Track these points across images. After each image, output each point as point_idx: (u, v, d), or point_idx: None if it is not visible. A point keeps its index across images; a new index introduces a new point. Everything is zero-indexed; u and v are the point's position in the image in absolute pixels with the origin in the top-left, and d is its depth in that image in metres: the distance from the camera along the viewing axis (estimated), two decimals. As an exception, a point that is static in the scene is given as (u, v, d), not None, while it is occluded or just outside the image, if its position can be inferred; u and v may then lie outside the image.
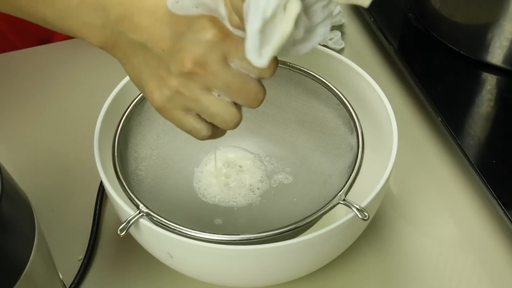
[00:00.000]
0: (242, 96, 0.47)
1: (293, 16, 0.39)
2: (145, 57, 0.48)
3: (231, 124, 0.48)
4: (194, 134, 0.50)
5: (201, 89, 0.46)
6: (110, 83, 0.65)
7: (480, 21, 0.78)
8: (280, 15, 0.39)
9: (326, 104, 0.62)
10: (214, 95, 0.47)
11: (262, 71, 0.46)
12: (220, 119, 0.48)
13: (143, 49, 0.47)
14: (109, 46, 0.50)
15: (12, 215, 0.42)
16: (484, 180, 0.66)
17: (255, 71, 0.46)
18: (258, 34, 0.40)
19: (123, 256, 0.64)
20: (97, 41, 0.49)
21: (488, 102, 0.77)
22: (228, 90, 0.46)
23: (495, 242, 0.65)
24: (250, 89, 0.46)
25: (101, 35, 0.49)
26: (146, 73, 0.48)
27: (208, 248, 0.52)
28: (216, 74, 0.45)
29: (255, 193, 0.64)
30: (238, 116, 0.48)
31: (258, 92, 0.47)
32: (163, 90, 0.48)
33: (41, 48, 0.86)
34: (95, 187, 0.68)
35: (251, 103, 0.47)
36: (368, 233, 0.64)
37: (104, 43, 0.49)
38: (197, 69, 0.45)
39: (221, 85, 0.46)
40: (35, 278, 0.44)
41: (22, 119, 0.78)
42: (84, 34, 0.49)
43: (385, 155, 0.59)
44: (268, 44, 0.40)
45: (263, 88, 0.47)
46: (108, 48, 0.50)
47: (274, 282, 0.59)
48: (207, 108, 0.47)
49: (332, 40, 0.85)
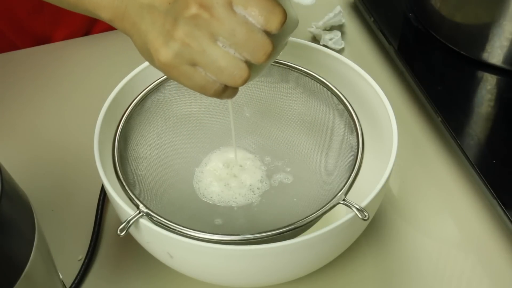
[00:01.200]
0: (248, 46, 0.45)
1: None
2: (152, 19, 0.47)
3: (239, 80, 0.46)
4: (208, 89, 0.48)
5: (208, 38, 0.45)
6: (110, 83, 0.65)
7: (480, 21, 0.78)
8: None
9: (326, 104, 0.62)
10: (221, 48, 0.46)
11: (269, 20, 0.45)
12: (228, 74, 0.46)
13: (151, 11, 0.47)
14: (118, 18, 0.49)
15: (12, 215, 0.42)
16: (484, 180, 0.66)
17: (260, 19, 0.45)
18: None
19: (123, 256, 0.64)
20: (107, 12, 0.49)
21: (488, 102, 0.77)
22: (233, 38, 0.45)
23: (495, 242, 0.65)
24: (256, 39, 0.45)
25: (111, 5, 0.49)
26: (152, 34, 0.47)
27: (208, 248, 0.52)
28: (221, 19, 0.45)
29: (255, 193, 0.64)
30: (247, 71, 0.46)
31: (265, 44, 0.45)
32: (170, 44, 0.46)
33: (41, 48, 0.86)
34: (95, 187, 0.68)
35: (258, 55, 0.46)
36: (368, 233, 0.64)
37: (114, 14, 0.49)
38: (202, 11, 0.44)
39: (227, 32, 0.45)
40: (35, 278, 0.44)
41: (22, 119, 0.78)
42: (94, 5, 0.49)
43: (385, 155, 0.59)
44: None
45: (270, 41, 0.46)
46: (117, 21, 0.50)
47: (274, 282, 0.59)
48: (215, 61, 0.46)
49: (332, 40, 0.85)
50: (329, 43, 0.85)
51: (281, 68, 0.63)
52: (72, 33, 0.88)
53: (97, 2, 0.50)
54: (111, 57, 0.84)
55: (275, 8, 0.45)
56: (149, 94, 0.62)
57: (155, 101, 0.62)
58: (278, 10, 0.45)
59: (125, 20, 0.49)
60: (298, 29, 0.92)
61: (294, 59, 0.63)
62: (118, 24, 0.50)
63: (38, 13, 0.84)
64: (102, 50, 0.85)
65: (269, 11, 0.45)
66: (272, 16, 0.45)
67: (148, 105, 0.62)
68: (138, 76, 0.65)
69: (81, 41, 0.88)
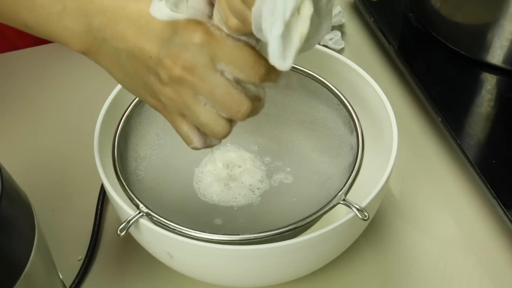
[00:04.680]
0: (225, 105, 0.46)
1: (309, 16, 0.40)
2: (134, 66, 0.47)
3: (219, 135, 0.48)
4: (187, 142, 0.51)
5: (191, 96, 0.47)
6: (110, 83, 0.65)
7: (480, 21, 0.78)
8: (295, 17, 0.40)
9: (326, 104, 0.62)
10: (203, 105, 0.47)
11: (249, 75, 0.45)
12: (209, 129, 0.48)
13: (130, 58, 0.47)
14: (92, 53, 0.49)
15: (12, 215, 0.42)
16: (484, 180, 0.66)
17: (241, 76, 0.45)
18: (280, 39, 0.40)
19: (123, 256, 0.64)
20: (79, 47, 0.49)
21: (488, 102, 0.77)
22: (212, 97, 0.46)
23: (495, 242, 0.65)
24: (233, 99, 0.46)
25: (83, 41, 0.48)
26: (137, 81, 0.49)
27: (208, 248, 0.52)
28: (202, 79, 0.45)
29: (255, 193, 0.64)
30: (226, 128, 0.48)
31: (241, 104, 0.46)
32: (158, 96, 0.48)
33: (41, 48, 0.86)
34: (95, 187, 0.68)
35: (234, 114, 0.47)
36: (368, 233, 0.64)
37: (86, 49, 0.49)
38: (185, 74, 0.45)
39: (206, 91, 0.46)
40: (35, 278, 0.44)
41: (22, 119, 0.78)
42: (66, 40, 0.49)
43: (385, 155, 0.59)
44: (289, 47, 0.41)
45: (248, 101, 0.47)
46: (91, 55, 0.50)
47: (274, 282, 0.59)
48: (198, 117, 0.47)
49: (332, 40, 0.85)
50: (329, 43, 0.85)
51: (281, 68, 0.63)
52: None
53: (68, 37, 0.49)
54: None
55: (255, 63, 0.45)
56: (149, 94, 0.62)
57: (155, 101, 0.62)
58: (259, 64, 0.45)
59: (100, 58, 0.49)
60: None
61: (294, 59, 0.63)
62: (92, 58, 0.50)
63: None
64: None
65: (249, 67, 0.45)
66: (251, 72, 0.45)
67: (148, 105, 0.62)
68: (138, 76, 0.65)
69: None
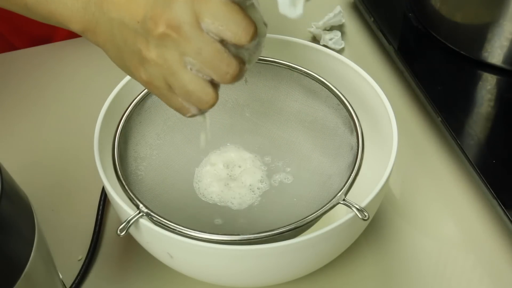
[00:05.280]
0: (213, 66, 0.45)
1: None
2: (123, 36, 0.47)
3: (206, 105, 0.47)
4: (184, 111, 0.49)
5: (178, 61, 0.46)
6: (110, 83, 0.65)
7: (480, 21, 0.78)
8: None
9: (326, 104, 0.62)
10: (190, 71, 0.46)
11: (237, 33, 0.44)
12: (195, 98, 0.47)
13: (121, 28, 0.47)
14: (90, 31, 0.49)
15: (12, 215, 0.42)
16: (484, 180, 0.66)
17: (228, 34, 0.44)
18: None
19: (124, 256, 0.64)
20: (78, 25, 0.49)
21: (488, 102, 0.77)
22: (199, 57, 0.45)
23: (495, 242, 0.65)
24: (222, 58, 0.45)
25: (82, 18, 0.49)
26: (126, 52, 0.48)
27: (208, 248, 0.52)
28: (188, 38, 0.44)
29: (255, 193, 0.64)
30: (213, 96, 0.47)
31: (230, 64, 0.45)
32: (145, 65, 0.47)
33: (41, 48, 0.86)
34: (95, 187, 0.68)
35: (222, 76, 0.46)
36: (368, 233, 0.64)
37: (85, 26, 0.49)
38: (169, 31, 0.44)
39: (193, 51, 0.45)
40: (35, 278, 0.44)
41: (22, 119, 0.78)
42: (65, 18, 0.49)
43: (385, 155, 0.59)
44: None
45: (236, 61, 0.46)
46: (89, 33, 0.50)
47: (274, 282, 0.59)
48: (184, 85, 0.46)
49: (332, 40, 0.85)
50: (329, 43, 0.85)
51: (281, 68, 0.63)
52: (70, 34, 0.87)
53: (68, 15, 0.49)
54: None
55: (243, 21, 0.44)
56: (149, 94, 0.62)
57: (155, 101, 0.62)
58: (246, 22, 0.44)
59: (97, 35, 0.49)
60: (298, 29, 0.92)
61: (294, 59, 0.63)
62: (90, 37, 0.50)
63: None
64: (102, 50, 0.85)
65: (237, 25, 0.44)
66: (240, 30, 0.44)
67: (148, 105, 0.62)
68: (138, 76, 0.65)
69: (81, 41, 0.88)
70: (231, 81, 0.46)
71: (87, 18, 0.49)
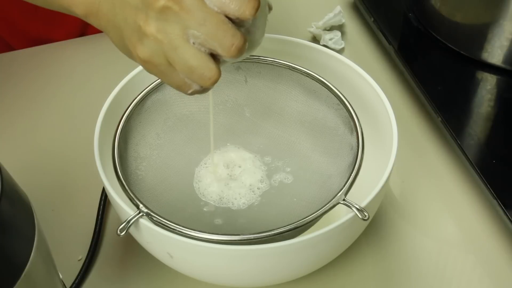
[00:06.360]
0: (218, 37, 0.44)
1: None
2: (124, 14, 0.47)
3: (208, 81, 0.46)
4: (185, 89, 0.48)
5: (180, 35, 0.45)
6: (110, 83, 0.65)
7: (480, 21, 0.78)
8: None
9: (326, 104, 0.62)
10: (192, 46, 0.45)
11: (241, 6, 0.43)
12: (198, 74, 0.46)
13: (122, 6, 0.46)
14: (93, 14, 0.49)
15: (12, 215, 0.42)
16: (484, 180, 0.66)
17: (232, 6, 0.43)
18: None
19: (124, 256, 0.64)
20: (81, 9, 0.49)
21: (488, 102, 0.77)
22: (203, 29, 0.44)
23: (495, 242, 0.65)
24: (226, 29, 0.44)
25: (85, 1, 0.49)
26: (126, 30, 0.47)
27: (208, 248, 0.52)
28: (191, 10, 0.44)
29: (255, 193, 0.64)
30: (216, 72, 0.46)
31: (235, 35, 0.44)
32: (144, 41, 0.46)
33: (40, 48, 0.86)
34: (95, 187, 0.68)
35: (228, 47, 0.44)
36: (368, 233, 0.64)
37: (88, 10, 0.49)
38: (171, 3, 0.44)
39: (196, 23, 0.44)
40: (35, 278, 0.44)
41: (23, 119, 0.78)
42: (69, 1, 0.49)
43: (385, 155, 0.59)
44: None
45: (241, 33, 0.45)
46: (92, 17, 0.50)
47: (274, 282, 0.59)
48: (186, 60, 0.45)
49: (332, 40, 0.85)
50: (329, 43, 0.85)
51: (281, 68, 0.63)
52: (68, 35, 0.87)
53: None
54: (111, 57, 0.84)
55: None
56: (149, 94, 0.62)
57: (155, 101, 0.62)
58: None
59: (100, 17, 0.49)
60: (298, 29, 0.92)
61: (294, 59, 0.63)
62: (93, 20, 0.50)
63: (32, 15, 0.84)
64: (101, 50, 0.85)
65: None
66: (244, 2, 0.43)
67: (148, 105, 0.62)
68: (138, 76, 0.65)
69: (80, 41, 0.88)
70: (236, 53, 0.45)
71: (90, 0, 0.48)
